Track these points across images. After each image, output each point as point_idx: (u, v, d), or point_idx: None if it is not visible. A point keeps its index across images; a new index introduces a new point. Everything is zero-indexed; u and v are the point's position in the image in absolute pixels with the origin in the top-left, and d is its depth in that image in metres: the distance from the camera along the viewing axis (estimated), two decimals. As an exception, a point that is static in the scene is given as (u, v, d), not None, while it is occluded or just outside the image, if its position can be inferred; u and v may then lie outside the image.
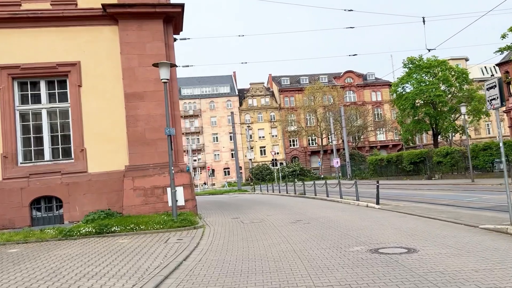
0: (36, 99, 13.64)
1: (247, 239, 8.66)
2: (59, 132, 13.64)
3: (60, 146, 13.63)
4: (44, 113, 13.49)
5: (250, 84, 77.17)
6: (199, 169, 70.94)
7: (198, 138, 74.77)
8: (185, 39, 17.96)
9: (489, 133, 73.47)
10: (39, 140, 13.54)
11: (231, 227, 10.92)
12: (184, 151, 69.29)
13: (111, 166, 13.34)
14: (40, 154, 13.56)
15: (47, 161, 13.37)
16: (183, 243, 8.37)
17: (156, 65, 11.07)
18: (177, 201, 11.16)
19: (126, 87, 13.50)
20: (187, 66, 21.88)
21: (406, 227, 9.20)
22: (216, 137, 74.85)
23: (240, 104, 75.38)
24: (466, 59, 73.51)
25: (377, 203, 14.54)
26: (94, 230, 9.98)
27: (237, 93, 76.12)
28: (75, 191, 13.07)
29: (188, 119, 74.75)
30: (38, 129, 13.54)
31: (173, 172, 11.20)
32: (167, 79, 11.19)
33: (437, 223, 9.53)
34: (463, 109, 25.31)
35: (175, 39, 15.08)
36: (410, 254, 6.37)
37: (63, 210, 13.10)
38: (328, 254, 6.70)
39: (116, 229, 10.09)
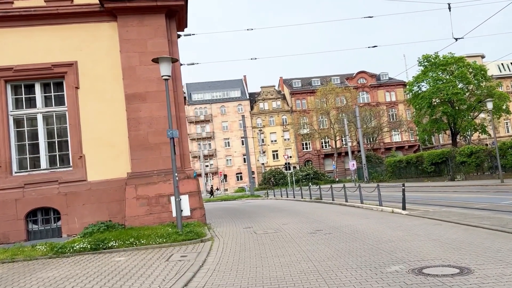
0: (31, 103, 12.71)
1: (261, 255, 7.46)
2: (56, 138, 12.67)
3: (57, 153, 12.66)
4: (39, 118, 12.54)
5: (261, 87, 76.13)
6: (211, 174, 69.97)
7: (209, 144, 73.87)
8: (189, 35, 16.93)
9: (508, 131, 71.06)
10: (34, 148, 12.59)
11: (242, 239, 9.72)
12: (196, 157, 68.77)
13: (112, 174, 12.32)
14: (36, 162, 12.60)
15: (43, 170, 12.39)
16: (187, 261, 7.21)
17: (156, 60, 9.99)
18: (182, 210, 10.00)
19: (127, 88, 12.48)
20: (192, 64, 20.81)
21: (447, 237, 7.89)
22: (228, 142, 73.85)
23: (251, 108, 74.32)
24: (482, 56, 71.42)
25: (404, 208, 13.21)
26: (89, 245, 8.89)
27: (248, 97, 75.13)
28: (74, 202, 12.06)
29: (199, 124, 74.02)
30: (34, 135, 12.60)
31: (177, 178, 10.06)
32: (169, 76, 10.10)
33: (481, 232, 8.20)
34: (490, 105, 23.68)
35: (179, 36, 14.01)
36: (465, 276, 5.10)
37: (61, 222, 12.09)
38: (361, 276, 5.45)
39: (114, 244, 8.98)
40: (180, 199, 10.00)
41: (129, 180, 12.07)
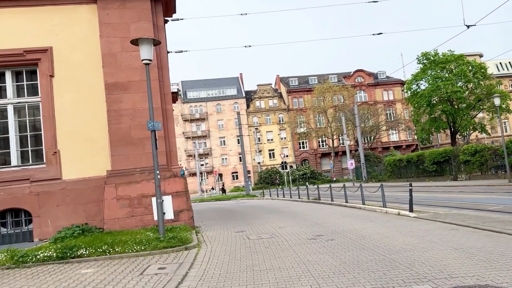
0: (1, 93, 11.52)
1: (253, 268, 6.29)
2: (28, 132, 11.47)
3: (29, 148, 11.45)
4: (10, 110, 11.34)
5: (258, 85, 74.92)
6: (206, 173, 68.69)
7: (205, 142, 72.59)
8: (177, 19, 15.70)
9: (506, 131, 70.30)
10: (4, 142, 11.39)
11: (233, 246, 8.55)
12: (191, 155, 67.33)
13: (90, 171, 11.15)
14: (6, 158, 11.39)
15: (14, 166, 11.20)
16: (165, 275, 6.03)
17: (135, 42, 8.79)
18: (164, 213, 8.81)
19: (107, 77, 11.30)
20: (181, 51, 19.42)
21: (470, 246, 6.76)
22: (224, 141, 72.62)
23: (248, 106, 73.11)
24: (480, 55, 70.57)
25: (411, 210, 12.09)
26: (55, 254, 7.68)
27: (244, 95, 73.88)
28: (47, 202, 10.86)
29: (195, 123, 72.75)
30: (4, 128, 11.42)
31: (159, 177, 8.87)
32: (150, 60, 8.89)
33: (509, 240, 7.07)
34: (497, 101, 22.63)
35: (166, 21, 12.83)
36: (514, 303, 3.96)
37: (33, 225, 10.89)
38: (378, 300, 4.30)
39: (84, 252, 7.78)
40: (163, 200, 8.81)
41: (108, 179, 10.89)
